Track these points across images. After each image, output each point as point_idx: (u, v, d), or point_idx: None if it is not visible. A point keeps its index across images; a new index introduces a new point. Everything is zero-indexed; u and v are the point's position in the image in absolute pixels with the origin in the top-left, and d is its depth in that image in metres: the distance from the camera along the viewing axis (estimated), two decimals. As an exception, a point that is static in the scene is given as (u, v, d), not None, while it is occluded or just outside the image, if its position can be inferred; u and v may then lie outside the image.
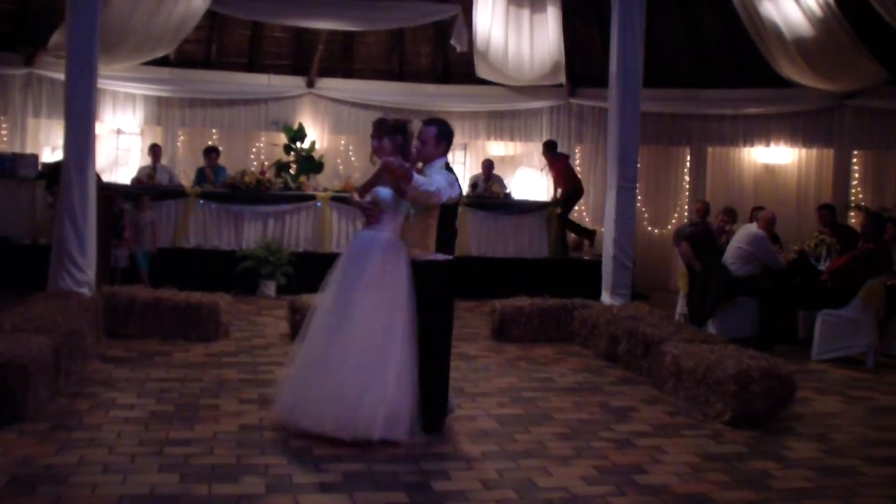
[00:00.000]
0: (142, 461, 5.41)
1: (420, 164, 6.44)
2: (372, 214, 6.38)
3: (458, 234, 13.23)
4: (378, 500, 4.99)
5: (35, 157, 13.67)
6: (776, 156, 16.04)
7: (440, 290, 6.33)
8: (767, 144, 15.99)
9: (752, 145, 16.10)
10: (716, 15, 15.28)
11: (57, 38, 13.38)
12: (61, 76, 9.93)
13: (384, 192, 6.35)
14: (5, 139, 14.58)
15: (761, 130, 15.94)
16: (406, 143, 6.48)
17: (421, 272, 6.25)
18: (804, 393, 7.76)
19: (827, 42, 13.73)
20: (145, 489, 4.94)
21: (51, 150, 14.53)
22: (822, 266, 10.70)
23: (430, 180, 6.08)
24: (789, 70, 14.59)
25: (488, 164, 15.31)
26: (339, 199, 13.47)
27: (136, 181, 13.68)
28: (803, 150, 16.00)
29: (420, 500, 5.00)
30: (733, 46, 15.45)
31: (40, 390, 6.31)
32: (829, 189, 15.48)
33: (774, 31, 13.83)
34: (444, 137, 6.43)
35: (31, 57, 14.23)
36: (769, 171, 16.11)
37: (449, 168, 6.46)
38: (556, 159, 15.21)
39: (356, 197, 6.63)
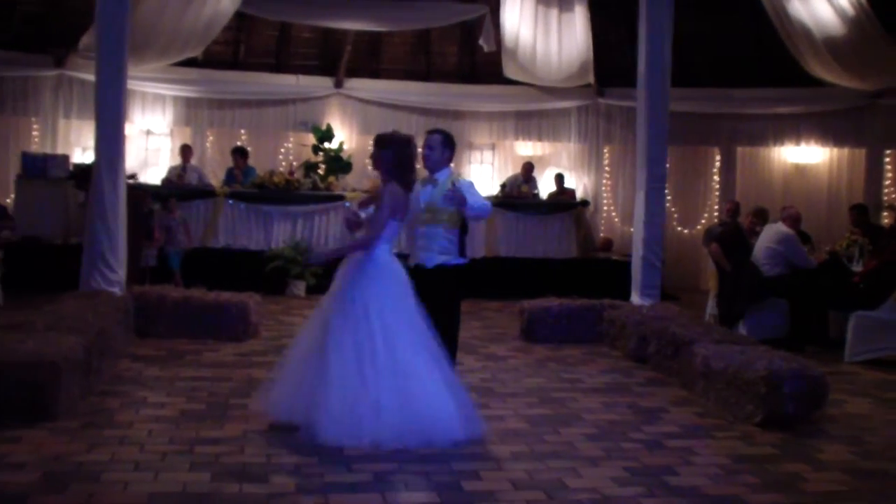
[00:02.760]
0: (172, 459, 5.44)
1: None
2: (354, 227, 6.51)
3: (488, 234, 13.49)
4: (409, 500, 4.99)
5: (66, 158, 13.79)
6: (807, 155, 15.94)
7: (458, 288, 6.92)
8: (798, 144, 15.91)
9: (782, 145, 16.02)
10: (745, 13, 15.17)
11: (87, 39, 13.49)
12: (92, 77, 9.99)
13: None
14: (37, 140, 14.71)
15: (791, 130, 15.87)
16: (394, 156, 6.39)
17: (447, 275, 6.75)
18: (836, 395, 7.66)
19: (857, 40, 13.62)
20: (176, 487, 4.96)
21: (81, 151, 14.65)
22: (855, 267, 10.60)
23: (478, 202, 6.67)
24: (819, 69, 14.46)
25: (528, 167, 15.35)
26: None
27: (167, 181, 13.78)
28: (834, 150, 15.91)
29: (450, 501, 4.99)
30: (762, 45, 15.33)
31: (72, 388, 6.35)
32: (860, 189, 15.37)
33: (803, 30, 13.72)
34: (448, 143, 6.95)
35: (62, 58, 14.37)
36: (799, 170, 16.01)
37: (457, 179, 6.96)
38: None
39: (355, 208, 6.78)
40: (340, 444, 5.71)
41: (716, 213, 15.91)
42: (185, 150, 14.47)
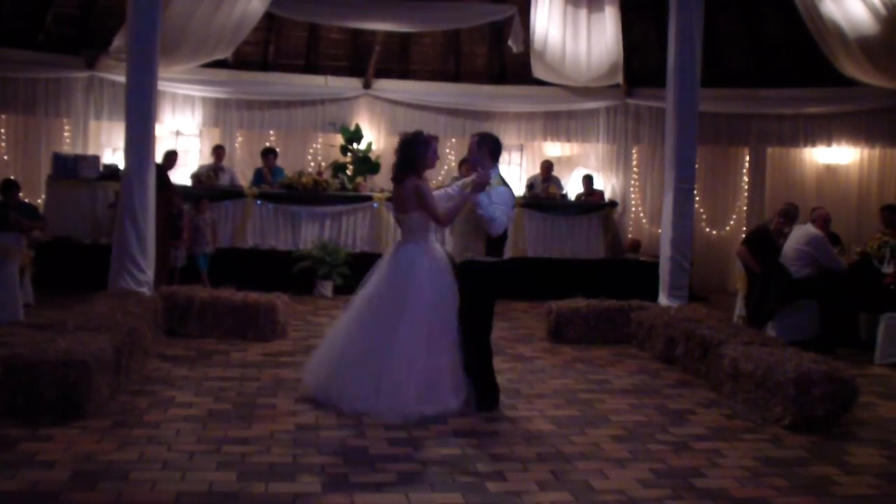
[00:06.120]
0: (200, 459, 5.47)
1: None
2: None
3: (516, 235, 13.44)
4: (433, 500, 5.00)
5: (97, 159, 13.88)
6: (837, 156, 15.78)
7: (487, 286, 6.99)
8: (829, 144, 15.74)
9: (812, 146, 15.85)
10: (776, 13, 15.04)
11: (118, 41, 13.59)
12: (122, 79, 10.08)
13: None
14: (68, 141, 14.83)
15: (822, 130, 15.69)
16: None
17: (481, 272, 6.92)
18: (867, 398, 7.61)
19: (890, 39, 13.44)
20: (203, 486, 5.00)
21: (112, 152, 14.75)
22: (885, 268, 10.49)
23: (491, 208, 6.79)
24: (851, 68, 14.29)
25: (547, 165, 15.33)
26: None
27: (196, 179, 13.85)
28: (865, 150, 15.72)
29: (475, 501, 4.99)
30: (794, 44, 15.19)
31: (102, 388, 6.41)
32: (891, 189, 15.19)
33: (835, 30, 13.58)
34: (483, 142, 7.16)
35: (94, 60, 14.47)
36: (830, 171, 15.85)
37: (504, 182, 7.12)
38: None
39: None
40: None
41: (745, 215, 15.81)
42: (218, 151, 14.53)
